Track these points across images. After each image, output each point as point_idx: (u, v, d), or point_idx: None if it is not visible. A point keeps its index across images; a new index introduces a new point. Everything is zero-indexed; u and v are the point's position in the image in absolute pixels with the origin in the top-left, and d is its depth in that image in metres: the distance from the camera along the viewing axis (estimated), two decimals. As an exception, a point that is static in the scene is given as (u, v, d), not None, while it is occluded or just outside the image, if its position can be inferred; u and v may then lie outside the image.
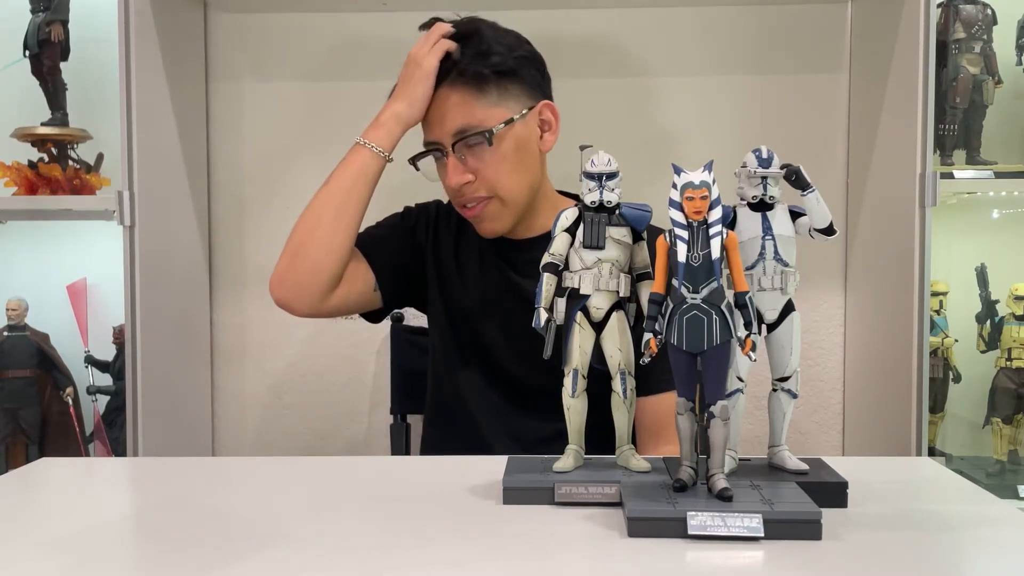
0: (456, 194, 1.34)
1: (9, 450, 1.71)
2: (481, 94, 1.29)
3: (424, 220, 1.47)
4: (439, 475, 1.04)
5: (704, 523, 0.77)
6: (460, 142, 1.30)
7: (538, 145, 1.35)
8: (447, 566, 0.74)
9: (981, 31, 1.63)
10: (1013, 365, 1.66)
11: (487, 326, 1.39)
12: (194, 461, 1.29)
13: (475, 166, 1.31)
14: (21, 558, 0.77)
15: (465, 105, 1.29)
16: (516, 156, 1.32)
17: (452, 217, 1.46)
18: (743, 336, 0.82)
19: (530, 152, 1.34)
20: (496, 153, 1.30)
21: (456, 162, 1.30)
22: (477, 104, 1.29)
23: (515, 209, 1.34)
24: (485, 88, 1.30)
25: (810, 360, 1.83)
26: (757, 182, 0.88)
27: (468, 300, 1.40)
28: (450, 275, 1.43)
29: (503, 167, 1.31)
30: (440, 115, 1.31)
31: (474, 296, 1.40)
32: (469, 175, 1.31)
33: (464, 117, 1.29)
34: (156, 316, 1.59)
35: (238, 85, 1.86)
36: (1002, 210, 1.81)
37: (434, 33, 1.32)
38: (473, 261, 1.42)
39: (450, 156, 1.31)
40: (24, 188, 1.65)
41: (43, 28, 1.65)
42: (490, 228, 1.36)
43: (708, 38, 1.81)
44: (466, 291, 1.40)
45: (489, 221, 1.34)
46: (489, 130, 1.28)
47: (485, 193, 1.32)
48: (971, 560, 0.79)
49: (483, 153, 1.30)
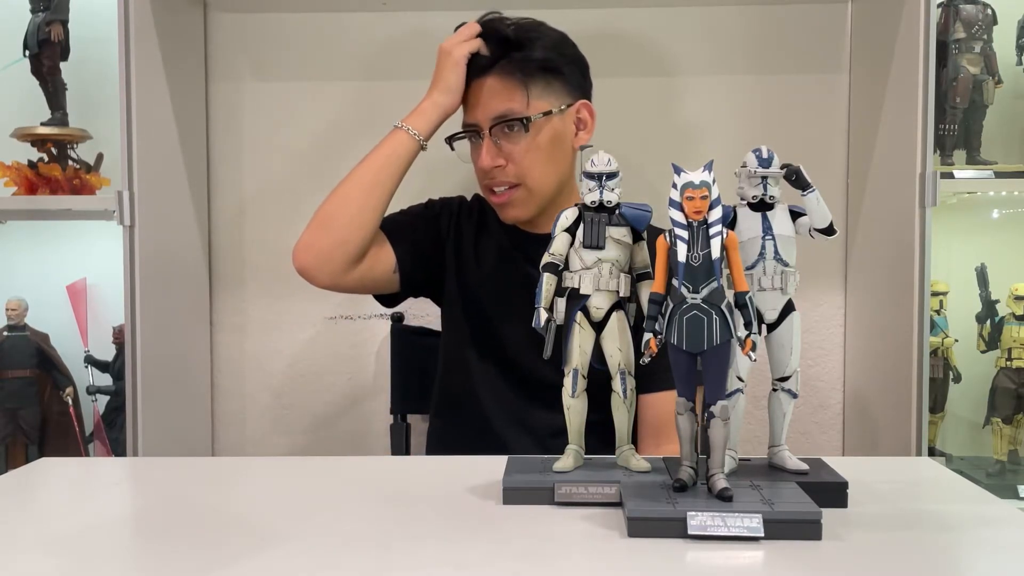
0: (486, 176, 1.38)
1: (9, 450, 1.71)
2: (525, 85, 1.35)
3: (448, 212, 1.51)
4: (439, 475, 1.04)
5: (704, 523, 0.77)
6: (497, 126, 1.35)
7: (572, 142, 1.41)
8: (447, 566, 0.74)
9: (981, 31, 1.63)
10: (1013, 365, 1.66)
11: (502, 318, 1.42)
12: (194, 461, 1.29)
13: (509, 151, 1.36)
14: (21, 558, 0.77)
15: (508, 93, 1.35)
16: (549, 148, 1.37)
17: (474, 213, 1.51)
18: (743, 336, 0.82)
19: (563, 147, 1.39)
20: (531, 141, 1.35)
21: (491, 145, 1.36)
22: (519, 94, 1.35)
23: (540, 199, 1.38)
24: (530, 80, 1.36)
25: (810, 360, 1.83)
26: (757, 182, 0.88)
27: (484, 292, 1.44)
28: (468, 267, 1.46)
29: (535, 156, 1.36)
30: (482, 99, 1.37)
31: (490, 288, 1.44)
32: (501, 159, 1.36)
33: (505, 103, 1.35)
34: (156, 316, 1.59)
35: (238, 85, 1.86)
36: (1002, 210, 1.80)
37: (465, 29, 1.39)
38: (491, 254, 1.46)
39: (486, 139, 1.36)
40: (24, 188, 1.64)
41: (43, 28, 1.65)
42: (513, 214, 1.40)
43: (708, 38, 1.81)
44: (482, 283, 1.44)
45: (513, 207, 1.39)
46: (527, 117, 1.35)
47: (514, 179, 1.37)
48: (971, 560, 0.79)
49: (518, 140, 1.35)
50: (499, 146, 1.36)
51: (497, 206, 1.41)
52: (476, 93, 1.38)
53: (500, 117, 1.35)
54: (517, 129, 1.35)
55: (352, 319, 1.85)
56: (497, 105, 1.35)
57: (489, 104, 1.36)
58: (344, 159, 1.84)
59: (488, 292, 1.44)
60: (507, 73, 1.36)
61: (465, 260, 1.47)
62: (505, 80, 1.36)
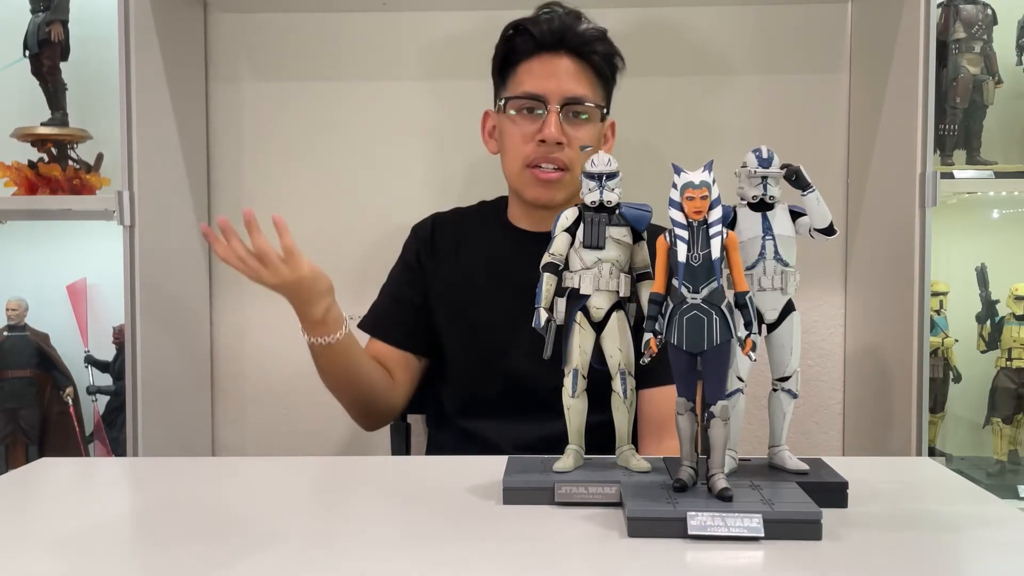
0: (542, 149, 1.36)
1: (9, 450, 1.71)
2: (597, 77, 1.39)
3: (424, 246, 1.50)
4: (439, 475, 1.04)
5: (704, 523, 0.77)
6: (569, 106, 1.35)
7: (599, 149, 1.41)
8: (447, 566, 0.74)
9: (981, 31, 1.63)
10: (1013, 365, 1.66)
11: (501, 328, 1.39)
12: (194, 461, 1.29)
13: (571, 134, 1.35)
14: (21, 558, 0.77)
15: (586, 79, 1.37)
16: (595, 145, 1.38)
17: (447, 228, 1.50)
18: (743, 336, 0.82)
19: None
20: (592, 132, 1.38)
21: (558, 119, 1.35)
22: (595, 85, 1.38)
23: (574, 192, 1.38)
24: (600, 79, 1.39)
25: (810, 360, 1.83)
26: (757, 182, 0.88)
27: (479, 305, 1.42)
28: (457, 289, 1.45)
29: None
30: (555, 75, 1.36)
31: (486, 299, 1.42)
32: (564, 138, 1.35)
33: (582, 87, 1.36)
34: (156, 316, 1.59)
35: (238, 85, 1.86)
36: (1002, 210, 1.80)
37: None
38: (481, 271, 1.44)
39: (553, 112, 1.35)
40: (24, 188, 1.64)
41: (43, 28, 1.65)
42: (552, 196, 1.39)
43: (708, 38, 1.81)
44: (476, 297, 1.43)
45: (557, 189, 1.38)
46: (607, 107, 1.39)
47: (566, 163, 1.36)
48: (971, 560, 0.79)
49: (585, 126, 1.37)
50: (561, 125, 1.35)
51: (543, 183, 1.38)
52: (548, 67, 1.36)
53: (577, 99, 1.35)
54: (586, 117, 1.37)
55: (352, 319, 1.84)
56: (574, 86, 1.36)
57: (566, 82, 1.36)
58: (344, 159, 1.86)
59: (484, 303, 1.42)
60: (587, 61, 1.37)
61: (454, 288, 1.45)
62: (583, 66, 1.37)
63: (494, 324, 1.40)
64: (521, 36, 1.39)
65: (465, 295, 1.44)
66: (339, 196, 1.86)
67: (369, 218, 1.85)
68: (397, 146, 1.85)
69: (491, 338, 1.40)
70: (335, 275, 1.86)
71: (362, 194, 1.86)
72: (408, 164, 1.85)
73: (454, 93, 1.83)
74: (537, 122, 1.36)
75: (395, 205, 1.84)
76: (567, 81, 1.36)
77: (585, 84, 1.37)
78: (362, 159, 1.86)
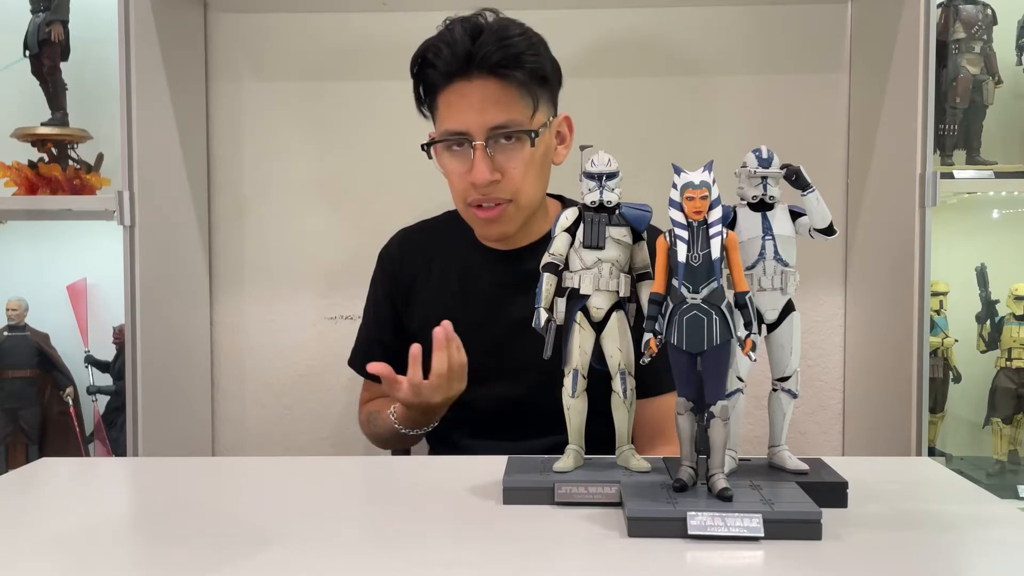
0: (475, 191, 1.27)
1: (9, 450, 1.71)
2: (520, 95, 1.25)
3: (391, 269, 1.47)
4: (439, 475, 1.04)
5: (704, 523, 0.77)
6: (495, 138, 1.24)
7: (553, 156, 1.33)
8: (447, 566, 0.74)
9: (981, 31, 1.63)
10: (1013, 365, 1.66)
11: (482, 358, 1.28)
12: (194, 461, 1.29)
13: (504, 166, 1.25)
14: (21, 558, 0.77)
15: (507, 101, 1.24)
16: (541, 163, 1.29)
17: (415, 249, 1.46)
18: (743, 336, 0.82)
19: (548, 162, 1.32)
20: (530, 156, 1.25)
21: (486, 156, 1.24)
22: (517, 104, 1.25)
23: (526, 215, 1.31)
24: (525, 90, 1.25)
25: (810, 360, 1.83)
26: (757, 182, 0.88)
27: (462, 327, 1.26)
28: (433, 311, 1.35)
29: (530, 172, 1.27)
30: (476, 105, 1.24)
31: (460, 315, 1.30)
32: (498, 173, 1.25)
33: (506, 113, 1.24)
34: (156, 316, 1.59)
35: (238, 85, 1.86)
36: (1002, 210, 1.80)
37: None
38: (453, 291, 1.39)
39: (479, 149, 1.23)
40: (24, 188, 1.64)
41: (43, 28, 1.65)
42: (500, 231, 1.32)
43: (708, 38, 1.81)
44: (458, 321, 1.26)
45: (501, 224, 1.30)
46: (536, 131, 1.25)
47: (507, 196, 1.27)
48: (971, 560, 0.79)
49: (517, 154, 1.25)
50: (492, 159, 1.24)
51: (484, 221, 1.30)
52: (463, 97, 1.24)
53: (501, 128, 1.24)
54: (517, 142, 1.25)
55: (352, 319, 1.85)
56: (497, 114, 1.23)
57: (486, 111, 1.23)
58: (344, 159, 1.86)
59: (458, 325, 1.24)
60: (510, 80, 1.23)
61: (426, 307, 1.40)
62: (507, 87, 1.24)
63: (471, 346, 1.24)
64: (428, 67, 1.27)
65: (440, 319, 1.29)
66: (339, 196, 1.86)
67: (369, 218, 1.85)
68: (397, 146, 1.85)
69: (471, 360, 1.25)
70: (334, 275, 1.87)
71: (362, 194, 1.86)
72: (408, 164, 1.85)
73: (454, 93, 1.83)
74: (466, 159, 1.26)
75: (395, 205, 1.84)
76: (488, 109, 1.23)
77: (509, 106, 1.24)
78: (362, 159, 1.86)
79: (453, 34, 1.25)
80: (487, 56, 1.22)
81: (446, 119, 1.27)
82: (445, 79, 1.26)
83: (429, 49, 1.27)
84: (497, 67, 1.23)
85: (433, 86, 1.28)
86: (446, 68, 1.24)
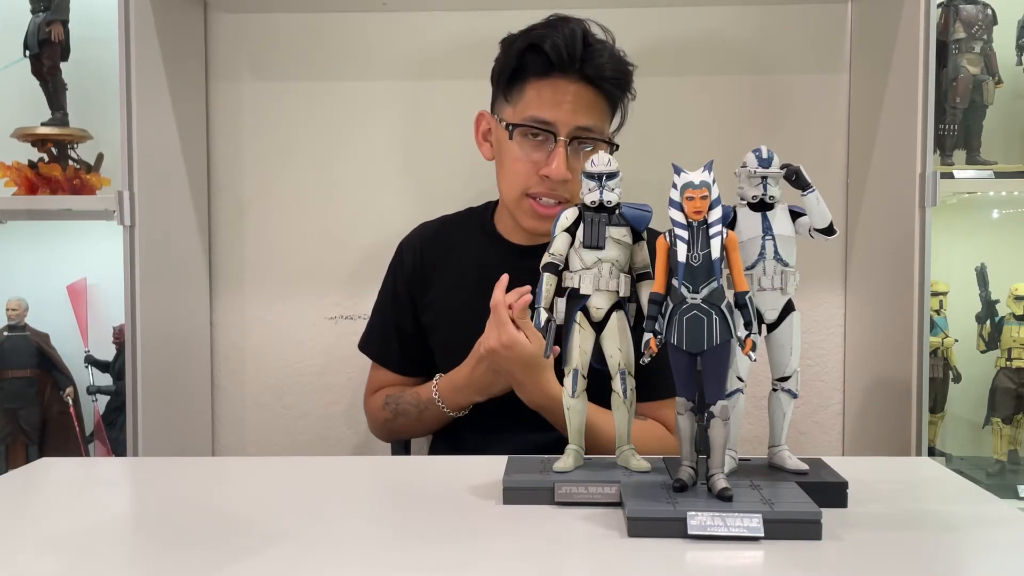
0: (546, 184, 1.30)
1: (9, 450, 1.71)
2: (607, 110, 1.32)
3: (411, 259, 1.48)
4: (439, 475, 1.04)
5: (704, 523, 0.77)
6: (579, 139, 1.29)
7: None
8: (447, 566, 0.74)
9: (981, 31, 1.63)
10: (1013, 365, 1.66)
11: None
12: (194, 461, 1.29)
13: (575, 167, 1.28)
14: (21, 558, 0.77)
15: (598, 110, 1.30)
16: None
17: (435, 243, 1.48)
18: (743, 336, 0.82)
19: None
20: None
21: (566, 155, 1.28)
22: (603, 115, 1.31)
23: None
24: (612, 108, 1.33)
25: (810, 360, 1.83)
26: (757, 182, 0.88)
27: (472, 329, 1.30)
28: (448, 307, 1.43)
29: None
30: (570, 103, 1.27)
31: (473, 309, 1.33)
32: (569, 173, 1.28)
33: (594, 118, 1.29)
34: (156, 316, 1.59)
35: (238, 85, 1.86)
36: (1002, 210, 1.80)
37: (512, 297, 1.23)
38: (470, 287, 1.39)
39: (561, 145, 1.28)
40: (24, 188, 1.64)
41: (43, 28, 1.65)
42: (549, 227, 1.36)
43: (708, 38, 1.81)
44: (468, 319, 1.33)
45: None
46: (616, 143, 1.32)
47: (568, 196, 1.31)
48: (971, 560, 0.79)
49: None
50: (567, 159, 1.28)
51: (541, 216, 1.32)
52: (559, 92, 1.28)
53: (587, 130, 1.28)
54: (590, 148, 1.29)
55: (352, 319, 1.85)
56: (585, 117, 1.28)
57: (577, 112, 1.27)
58: (344, 159, 1.86)
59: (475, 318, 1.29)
60: (607, 94, 1.29)
61: (442, 300, 1.44)
62: (600, 98, 1.29)
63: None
64: (533, 53, 1.29)
65: (456, 312, 1.41)
66: (339, 196, 1.86)
67: (369, 218, 1.85)
68: (397, 146, 1.85)
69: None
70: (334, 275, 1.87)
71: (362, 194, 1.86)
72: (408, 164, 1.85)
73: (454, 93, 1.83)
74: (541, 150, 1.29)
75: (395, 205, 1.84)
76: (578, 110, 1.27)
77: (596, 114, 1.29)
78: (362, 159, 1.86)
79: (570, 34, 1.28)
80: (601, 67, 1.28)
81: (534, 107, 1.29)
82: (546, 70, 1.28)
83: (544, 38, 1.28)
84: (605, 80, 1.28)
85: (529, 72, 1.30)
86: (556, 61, 1.27)
